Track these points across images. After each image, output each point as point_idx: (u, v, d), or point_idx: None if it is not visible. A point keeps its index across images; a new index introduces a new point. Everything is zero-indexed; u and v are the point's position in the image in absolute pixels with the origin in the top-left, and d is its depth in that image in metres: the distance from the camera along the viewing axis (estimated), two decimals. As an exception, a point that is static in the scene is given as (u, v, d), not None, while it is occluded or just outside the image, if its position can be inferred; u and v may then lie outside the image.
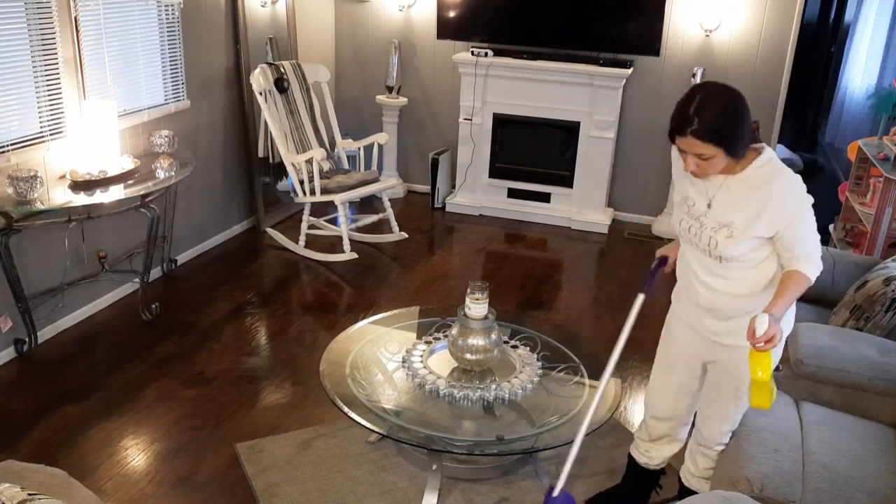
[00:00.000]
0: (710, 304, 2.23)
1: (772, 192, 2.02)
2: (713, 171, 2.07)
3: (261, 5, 5.03)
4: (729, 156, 2.01)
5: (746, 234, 2.06)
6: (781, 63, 5.13)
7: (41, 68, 3.44)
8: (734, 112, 1.98)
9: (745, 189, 2.06)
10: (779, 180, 2.03)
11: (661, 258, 2.53)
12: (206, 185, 4.74)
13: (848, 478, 2.14)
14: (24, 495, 1.58)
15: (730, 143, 1.98)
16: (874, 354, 2.55)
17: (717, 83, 2.06)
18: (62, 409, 3.16)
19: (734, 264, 2.13)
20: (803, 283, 2.04)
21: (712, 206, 2.13)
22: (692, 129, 1.97)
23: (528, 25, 5.42)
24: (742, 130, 1.99)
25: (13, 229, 3.30)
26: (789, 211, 2.02)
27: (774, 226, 2.03)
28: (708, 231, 2.13)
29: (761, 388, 1.98)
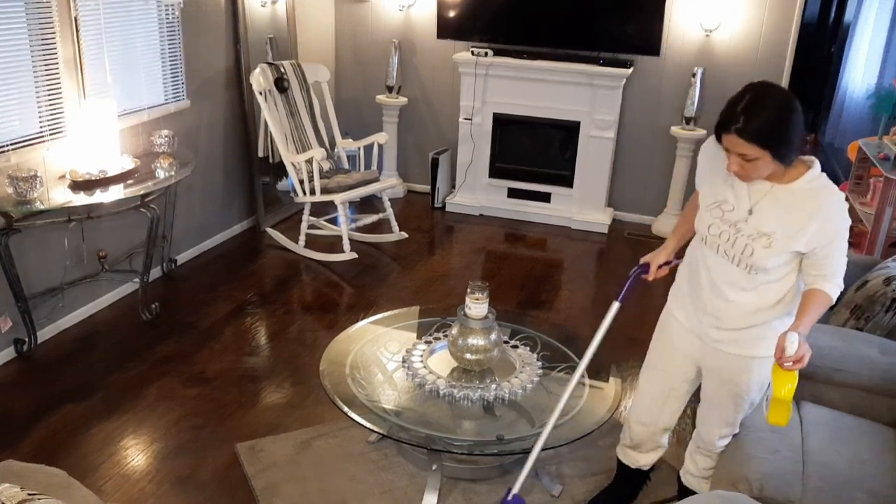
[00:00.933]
0: (720, 314, 2.18)
1: (821, 208, 1.97)
2: (757, 175, 2.00)
3: (261, 5, 5.03)
4: (776, 160, 1.93)
5: (786, 246, 2.00)
6: (781, 63, 5.13)
7: (41, 68, 3.44)
8: (784, 116, 1.91)
9: (793, 200, 2.00)
10: (830, 198, 1.98)
11: (643, 265, 2.45)
12: (206, 185, 4.74)
13: (848, 477, 2.14)
14: (23, 495, 1.58)
15: (776, 147, 1.91)
16: (874, 354, 2.55)
17: (772, 84, 1.98)
18: (62, 408, 3.16)
19: (761, 276, 2.07)
20: (827, 303, 2.00)
21: (754, 212, 2.06)
22: (737, 127, 1.91)
23: (528, 25, 5.42)
24: (791, 136, 1.92)
25: (13, 229, 3.30)
26: (833, 229, 1.98)
27: (814, 242, 1.98)
28: (744, 238, 2.06)
29: (783, 406, 1.95)
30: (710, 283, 2.18)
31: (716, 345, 2.23)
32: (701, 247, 2.21)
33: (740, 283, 2.11)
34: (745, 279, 2.10)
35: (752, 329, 2.14)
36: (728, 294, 2.14)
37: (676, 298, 2.38)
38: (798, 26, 5.04)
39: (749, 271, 2.08)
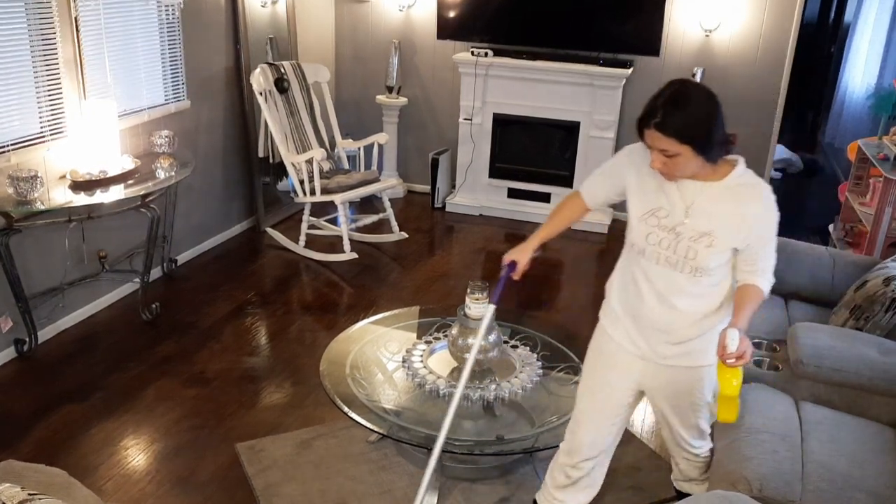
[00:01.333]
0: (669, 327, 2.12)
1: (753, 203, 1.98)
2: (681, 173, 1.97)
3: (261, 5, 5.03)
4: (698, 156, 1.92)
5: (727, 242, 1.99)
6: (781, 63, 5.13)
7: (41, 68, 3.44)
8: (703, 110, 1.91)
9: (727, 197, 1.99)
10: (761, 192, 2.00)
11: (511, 263, 2.37)
12: (206, 186, 4.74)
13: (847, 478, 2.14)
14: (24, 495, 1.58)
15: (696, 142, 1.89)
16: (874, 354, 2.56)
17: (694, 82, 2.01)
18: (62, 408, 3.16)
19: (705, 279, 2.04)
20: (760, 298, 2.00)
21: (690, 214, 2.02)
22: (656, 121, 1.89)
23: (528, 25, 5.42)
24: (711, 131, 1.91)
25: (13, 229, 3.30)
26: (767, 224, 1.99)
27: (750, 237, 1.98)
28: (686, 241, 2.02)
29: (731, 402, 1.94)
30: (656, 296, 2.11)
31: (667, 361, 2.16)
32: (639, 261, 2.14)
33: (687, 289, 2.06)
34: (692, 284, 2.05)
35: (702, 337, 2.10)
36: (677, 303, 2.08)
37: (612, 320, 2.27)
38: (798, 26, 5.04)
39: (694, 275, 2.04)
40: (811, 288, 3.23)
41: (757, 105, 5.25)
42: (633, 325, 2.19)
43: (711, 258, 2.01)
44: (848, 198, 4.78)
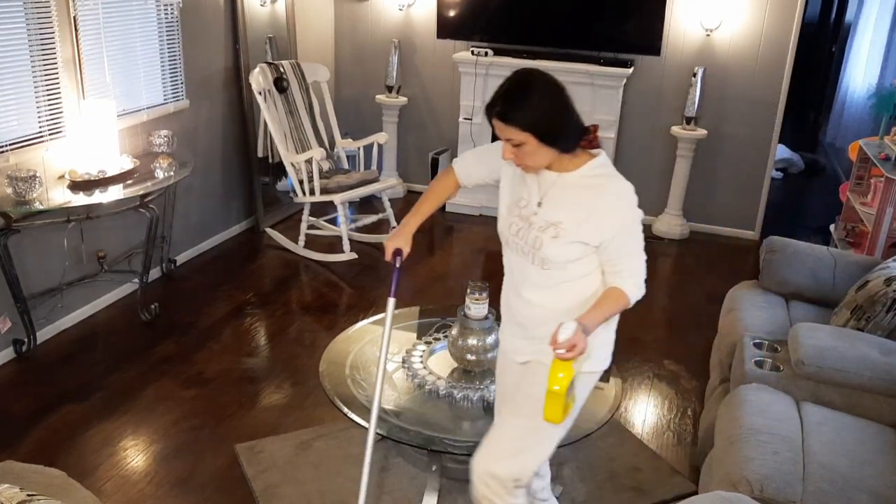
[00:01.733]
0: (524, 320, 2.10)
1: (604, 197, 1.95)
2: (533, 162, 1.95)
3: (260, 4, 5.02)
4: (544, 145, 1.90)
5: (573, 235, 1.95)
6: (782, 63, 5.12)
7: (40, 68, 3.44)
8: (544, 100, 1.90)
9: (577, 189, 1.97)
10: (613, 186, 1.96)
11: (396, 251, 2.29)
12: (205, 185, 4.74)
13: (849, 478, 2.13)
14: (23, 496, 1.57)
15: (538, 131, 1.88)
16: (875, 355, 2.55)
17: (538, 71, 1.95)
18: (61, 409, 3.15)
19: (555, 273, 2.01)
20: (622, 300, 1.97)
21: (543, 203, 2.01)
22: (497, 110, 1.89)
23: (528, 25, 5.41)
24: (556, 119, 1.90)
25: (12, 229, 3.29)
26: (619, 219, 1.94)
27: (602, 233, 1.94)
28: (535, 230, 2.00)
29: (555, 399, 1.86)
30: (514, 288, 2.11)
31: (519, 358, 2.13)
32: (507, 252, 2.15)
33: (536, 280, 2.04)
34: (540, 276, 2.03)
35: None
36: (526, 294, 2.07)
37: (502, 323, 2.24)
38: (799, 26, 5.03)
39: (543, 266, 2.01)
40: (812, 288, 3.22)
41: (758, 105, 5.24)
42: (507, 323, 2.19)
43: (556, 250, 1.97)
44: (849, 198, 4.77)
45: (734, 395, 2.53)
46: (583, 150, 2.01)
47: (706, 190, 5.51)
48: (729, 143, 5.37)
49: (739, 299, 3.26)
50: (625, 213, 1.95)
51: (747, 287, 3.38)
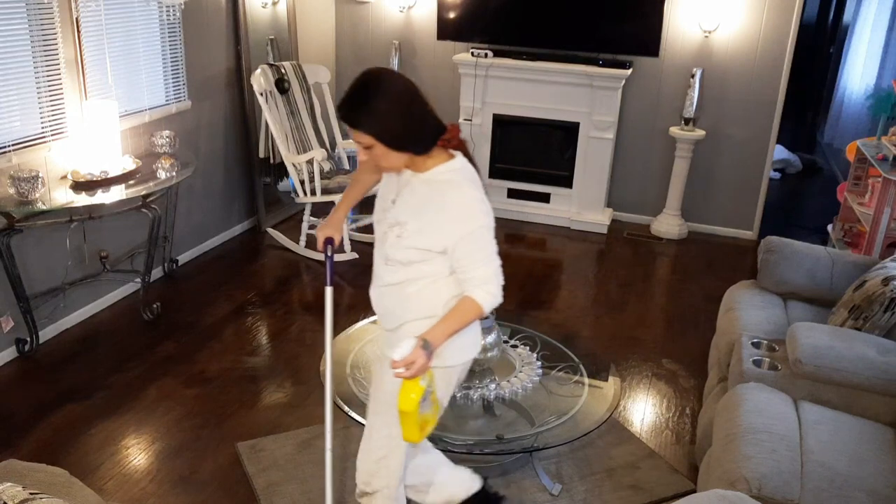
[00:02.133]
0: (378, 313, 2.13)
1: (446, 203, 1.91)
2: (386, 163, 1.93)
3: (261, 6, 5.04)
4: (390, 148, 1.87)
5: (415, 239, 1.94)
6: (780, 63, 5.14)
7: (42, 69, 3.45)
8: (390, 102, 1.85)
9: (425, 191, 1.95)
10: (457, 192, 1.92)
11: (328, 240, 2.27)
12: (207, 186, 4.75)
13: (847, 477, 2.14)
14: (25, 494, 1.58)
15: (384, 136, 1.85)
16: (872, 354, 2.56)
17: (386, 71, 1.92)
18: (63, 408, 3.16)
19: (399, 271, 2.00)
20: (474, 310, 1.93)
21: (396, 201, 2.01)
22: (342, 113, 1.88)
23: (527, 26, 5.43)
24: (403, 124, 1.87)
25: (15, 229, 3.31)
26: (461, 227, 1.90)
27: (443, 239, 1.92)
28: (385, 226, 2.02)
29: (406, 419, 1.84)
30: (372, 280, 2.13)
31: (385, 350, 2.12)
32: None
33: (383, 276, 2.06)
34: (386, 272, 2.04)
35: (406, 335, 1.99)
36: (377, 288, 2.10)
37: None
38: (797, 27, 5.05)
39: (387, 262, 2.02)
40: (810, 288, 3.24)
41: (756, 105, 5.26)
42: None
43: (399, 249, 1.97)
44: (847, 198, 4.79)
45: (732, 394, 2.54)
46: (441, 150, 1.97)
47: (704, 190, 5.53)
48: (727, 144, 5.39)
49: (737, 299, 3.28)
50: (466, 222, 1.91)
51: (745, 287, 3.40)
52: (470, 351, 2.14)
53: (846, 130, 7.88)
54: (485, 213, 1.93)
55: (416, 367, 1.83)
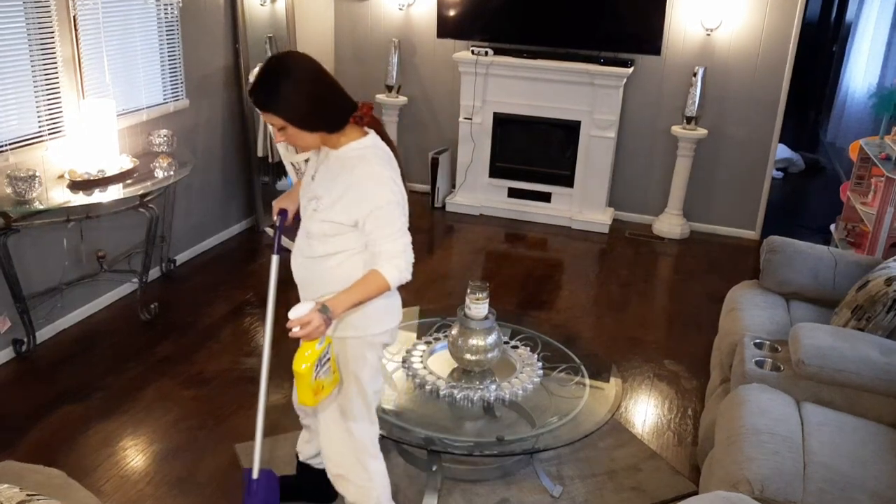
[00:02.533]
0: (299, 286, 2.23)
1: (356, 177, 1.99)
2: (301, 143, 2.03)
3: (260, 4, 5.02)
4: (299, 128, 1.96)
5: (328, 213, 2.03)
6: (783, 62, 5.12)
7: (40, 68, 3.43)
8: (297, 86, 1.93)
9: (337, 166, 2.04)
10: (366, 167, 1.99)
11: (281, 211, 2.35)
12: (205, 185, 4.73)
13: (849, 478, 2.13)
14: (22, 496, 1.56)
15: (293, 118, 1.94)
16: (875, 355, 2.54)
17: (293, 54, 2.00)
18: (61, 409, 3.15)
19: (316, 245, 2.10)
20: (378, 283, 1.99)
21: (315, 177, 2.11)
22: (252, 99, 1.97)
23: (528, 24, 5.41)
24: (311, 106, 1.94)
25: (12, 229, 3.29)
26: (369, 201, 1.97)
27: (353, 212, 2.00)
28: (305, 201, 2.12)
29: (301, 381, 1.92)
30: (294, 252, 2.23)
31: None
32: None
33: (303, 248, 2.15)
34: (307, 245, 2.13)
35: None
36: (297, 259, 2.18)
37: None
38: (799, 25, 5.03)
39: (308, 236, 2.11)
40: (813, 288, 3.22)
41: (758, 104, 5.23)
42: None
43: (315, 223, 2.07)
44: (850, 197, 4.77)
45: (734, 395, 2.53)
46: (355, 127, 2.04)
47: (707, 190, 5.51)
48: (729, 143, 5.37)
49: (740, 299, 3.26)
50: (374, 197, 1.98)
51: (748, 287, 3.38)
52: (384, 323, 2.20)
53: (849, 129, 7.86)
54: (392, 190, 2.00)
55: (310, 328, 1.90)
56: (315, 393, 1.98)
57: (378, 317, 2.18)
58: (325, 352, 1.98)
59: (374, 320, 2.17)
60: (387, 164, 2.03)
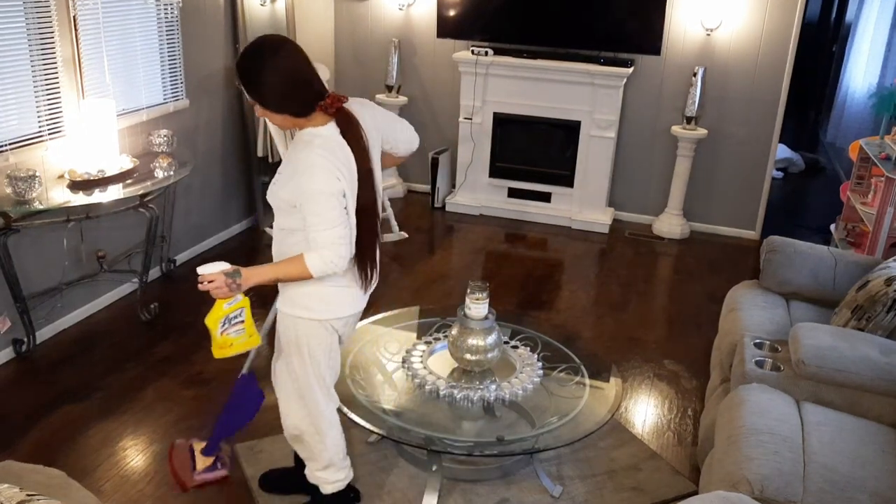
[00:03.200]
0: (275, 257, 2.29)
1: (299, 161, 2.08)
2: (271, 120, 2.16)
3: (260, 4, 5.02)
4: (269, 111, 2.09)
5: (280, 191, 2.14)
6: (783, 62, 5.12)
7: (40, 68, 3.43)
8: (265, 70, 2.04)
9: (294, 149, 2.15)
10: (307, 153, 2.07)
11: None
12: (205, 185, 4.73)
13: (849, 478, 2.13)
14: (22, 496, 1.56)
15: (261, 98, 2.07)
16: (875, 355, 2.54)
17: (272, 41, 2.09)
18: (61, 409, 3.15)
19: (280, 219, 2.20)
20: (300, 268, 2.09)
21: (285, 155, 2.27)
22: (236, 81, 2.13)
23: (528, 24, 5.41)
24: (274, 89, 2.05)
25: (12, 229, 3.29)
26: (301, 187, 2.06)
27: (291, 194, 2.10)
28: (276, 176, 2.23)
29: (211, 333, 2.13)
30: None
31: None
32: None
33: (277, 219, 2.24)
34: (277, 216, 2.23)
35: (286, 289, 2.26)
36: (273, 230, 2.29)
37: None
38: (799, 25, 5.03)
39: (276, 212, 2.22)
40: (813, 288, 3.22)
41: (758, 104, 5.23)
42: None
43: (273, 197, 2.18)
44: (850, 197, 4.77)
45: (734, 395, 2.53)
46: (324, 115, 2.13)
47: (707, 190, 5.51)
48: (729, 143, 5.37)
49: (740, 299, 3.26)
50: (307, 183, 2.05)
51: (748, 287, 3.38)
52: (333, 311, 2.27)
53: (849, 129, 7.85)
54: (326, 181, 2.04)
55: (211, 286, 2.07)
56: (221, 347, 2.18)
57: (327, 303, 2.26)
58: (237, 312, 2.14)
59: (324, 305, 2.25)
60: (329, 154, 2.07)
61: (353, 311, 2.35)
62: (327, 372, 2.38)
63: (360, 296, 2.35)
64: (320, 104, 2.10)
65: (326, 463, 2.48)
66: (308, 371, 2.34)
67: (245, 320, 2.18)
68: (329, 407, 2.43)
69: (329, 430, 2.43)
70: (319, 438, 2.44)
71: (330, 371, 2.39)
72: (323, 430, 2.42)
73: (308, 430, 2.43)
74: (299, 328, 2.28)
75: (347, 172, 2.09)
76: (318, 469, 2.50)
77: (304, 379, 2.36)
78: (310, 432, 2.44)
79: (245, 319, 2.18)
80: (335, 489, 2.53)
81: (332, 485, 2.52)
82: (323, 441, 2.44)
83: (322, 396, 2.39)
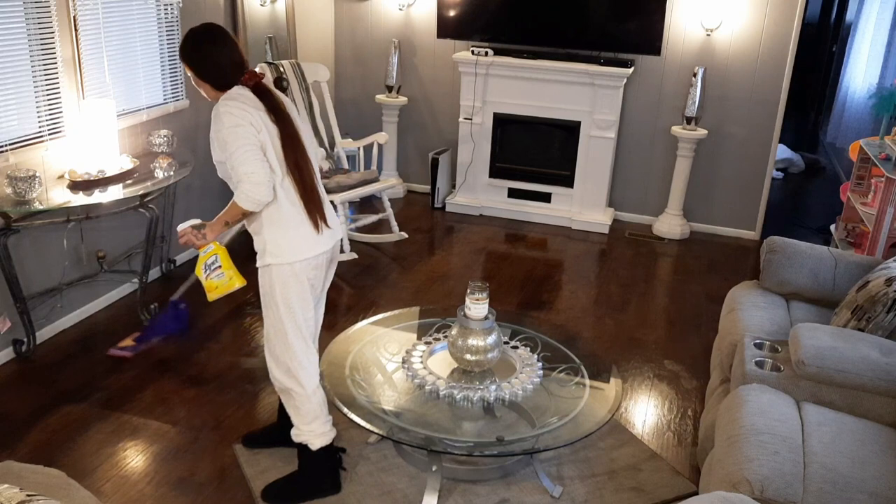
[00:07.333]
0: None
1: (214, 117, 2.34)
2: (202, 91, 2.45)
3: (260, 4, 5.02)
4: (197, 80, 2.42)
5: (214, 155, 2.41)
6: (783, 62, 5.12)
7: (40, 68, 3.43)
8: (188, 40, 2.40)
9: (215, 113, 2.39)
10: (215, 109, 2.34)
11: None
12: (204, 185, 4.73)
13: (849, 479, 2.12)
14: (22, 496, 1.56)
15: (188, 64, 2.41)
16: (875, 355, 2.54)
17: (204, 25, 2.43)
18: (61, 409, 3.15)
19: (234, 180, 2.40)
20: (235, 206, 2.38)
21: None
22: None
23: (528, 25, 5.41)
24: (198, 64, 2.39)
25: (12, 229, 3.29)
26: (219, 135, 2.32)
27: (218, 152, 2.37)
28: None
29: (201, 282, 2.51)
30: None
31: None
32: None
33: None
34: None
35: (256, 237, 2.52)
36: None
37: None
38: (799, 26, 5.03)
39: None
40: (813, 288, 3.22)
41: (758, 104, 5.23)
42: None
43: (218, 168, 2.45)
44: (850, 198, 4.77)
45: (735, 396, 2.52)
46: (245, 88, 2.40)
47: (707, 190, 5.51)
48: (729, 143, 5.37)
49: (740, 299, 3.26)
50: (215, 131, 2.34)
51: (748, 287, 3.38)
52: (298, 252, 2.47)
53: (849, 130, 7.86)
54: (229, 117, 2.29)
55: (184, 239, 2.49)
56: (209, 290, 2.54)
57: (288, 247, 2.46)
58: (212, 259, 2.52)
59: (286, 249, 2.46)
60: (231, 101, 2.33)
61: (313, 253, 2.50)
62: (303, 323, 2.54)
63: (317, 238, 2.50)
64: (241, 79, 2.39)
65: (312, 416, 2.61)
66: (283, 320, 2.50)
67: (223, 265, 2.52)
68: (309, 360, 2.59)
69: (308, 382, 2.58)
70: (302, 391, 2.58)
71: (306, 323, 2.55)
72: (303, 383, 2.57)
73: (290, 383, 2.58)
74: (273, 276, 2.47)
75: (258, 119, 2.32)
76: (304, 424, 2.62)
77: (281, 328, 2.52)
78: (293, 384, 2.58)
79: (222, 265, 2.52)
80: (323, 442, 2.63)
81: (319, 437, 2.62)
82: (305, 392, 2.58)
83: (300, 348, 2.55)
